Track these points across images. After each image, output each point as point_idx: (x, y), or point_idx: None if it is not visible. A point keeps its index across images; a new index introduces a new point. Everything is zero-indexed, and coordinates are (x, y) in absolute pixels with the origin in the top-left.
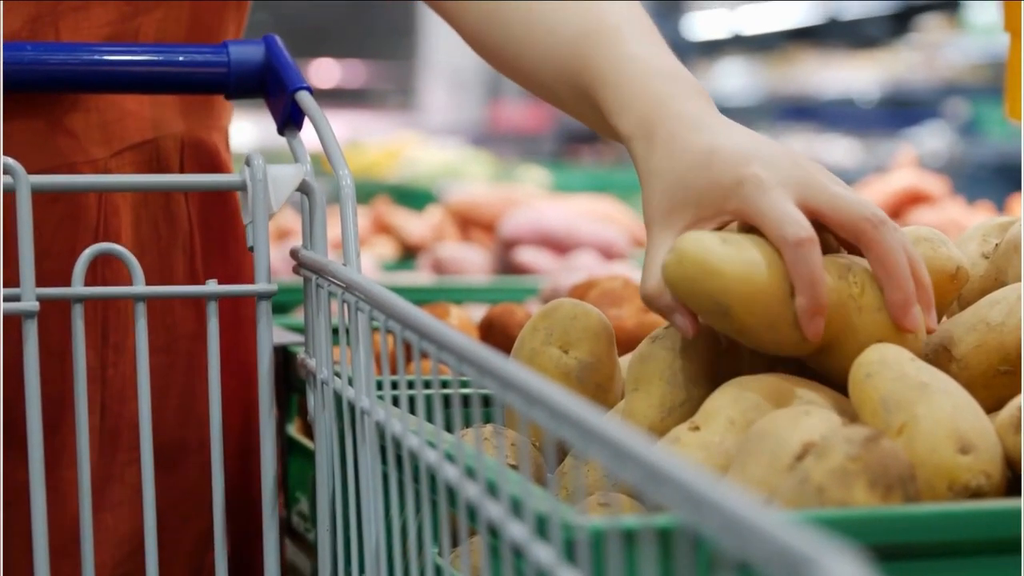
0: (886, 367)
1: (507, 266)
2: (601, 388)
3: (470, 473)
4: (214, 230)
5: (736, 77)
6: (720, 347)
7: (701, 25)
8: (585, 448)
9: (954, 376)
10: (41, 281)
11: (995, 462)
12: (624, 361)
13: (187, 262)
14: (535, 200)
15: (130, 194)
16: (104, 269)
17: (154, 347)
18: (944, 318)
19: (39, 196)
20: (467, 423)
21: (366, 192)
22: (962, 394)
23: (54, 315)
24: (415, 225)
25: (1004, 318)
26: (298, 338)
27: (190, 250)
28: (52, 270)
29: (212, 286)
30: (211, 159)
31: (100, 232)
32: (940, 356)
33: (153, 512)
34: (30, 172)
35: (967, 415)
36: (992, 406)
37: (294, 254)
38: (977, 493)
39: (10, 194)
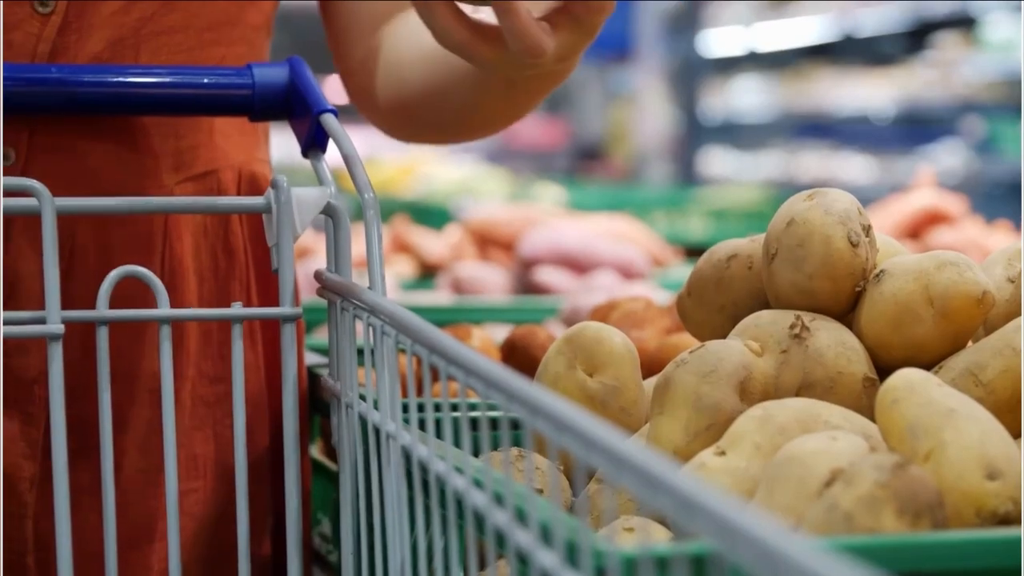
0: (913, 393)
1: (526, 285)
2: (625, 412)
3: (498, 499)
4: (263, 263)
5: (751, 94)
6: (746, 372)
7: (717, 42)
8: (616, 476)
9: (980, 401)
10: (112, 303)
11: (1022, 488)
12: (648, 384)
13: (243, 292)
14: (553, 219)
15: (192, 222)
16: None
17: (214, 377)
18: (970, 343)
19: (109, 219)
20: (494, 446)
21: (384, 208)
22: (989, 420)
23: (126, 337)
24: (434, 244)
25: None
26: (321, 359)
27: (246, 281)
28: (120, 294)
29: (237, 309)
30: (263, 191)
31: (165, 257)
32: (967, 381)
33: (177, 534)
34: (109, 189)
35: (995, 441)
36: (1018, 431)
37: (319, 277)
38: (1005, 520)
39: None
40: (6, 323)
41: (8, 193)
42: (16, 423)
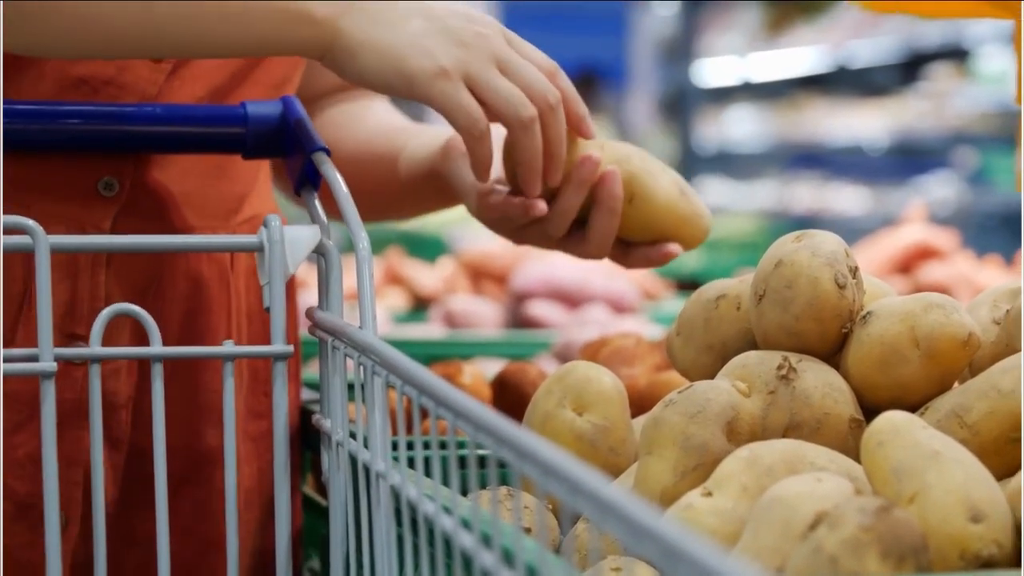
0: (898, 435)
1: (518, 319)
2: (614, 451)
3: (486, 540)
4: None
5: (745, 124)
6: (734, 412)
7: (711, 72)
8: (602, 522)
9: (965, 443)
10: (190, 338)
11: (1007, 531)
12: (637, 423)
13: (293, 330)
14: (546, 253)
15: (245, 262)
16: (246, 330)
17: (258, 413)
18: (956, 384)
19: (198, 256)
20: (482, 484)
21: (378, 240)
22: (973, 462)
23: (210, 370)
24: (427, 277)
25: (1016, 385)
26: (312, 395)
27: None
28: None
29: (229, 347)
30: None
31: (231, 296)
32: (952, 423)
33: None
34: (193, 223)
35: (978, 484)
36: (1003, 473)
37: (310, 315)
38: (989, 563)
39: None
40: None
41: (4, 231)
42: (105, 448)
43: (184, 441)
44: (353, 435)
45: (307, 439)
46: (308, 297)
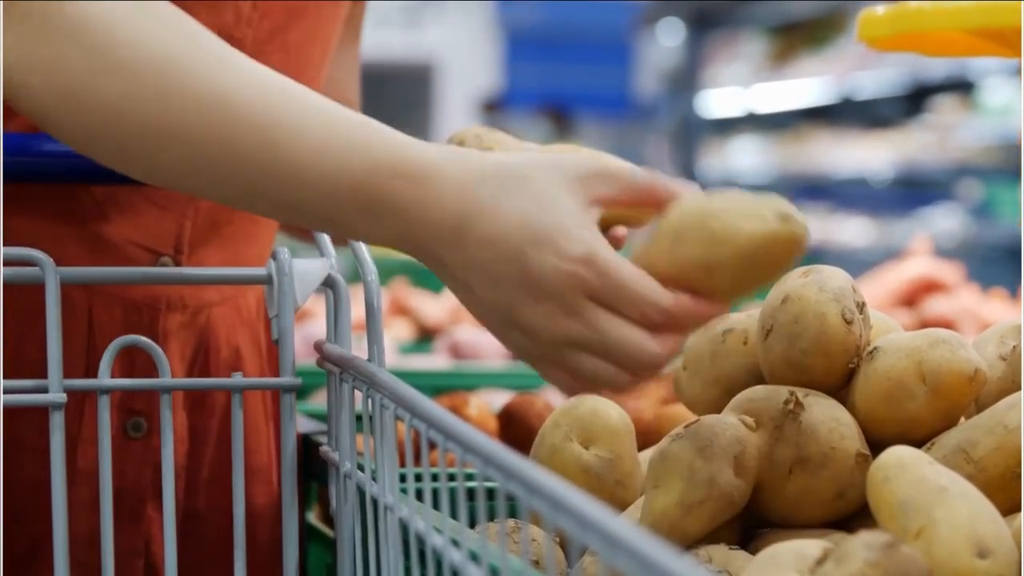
0: (904, 470)
1: None
2: (621, 484)
3: (494, 574)
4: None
5: (749, 155)
6: (741, 446)
7: (715, 103)
8: (611, 558)
9: (971, 479)
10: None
11: (1013, 567)
12: (644, 457)
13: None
14: None
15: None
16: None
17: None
18: (962, 420)
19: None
20: (491, 515)
21: (383, 270)
22: (979, 498)
23: (252, 432)
24: (432, 308)
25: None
26: (318, 426)
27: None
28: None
29: (237, 379)
30: None
31: (259, 324)
32: (958, 458)
33: None
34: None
35: (985, 520)
36: (1009, 509)
37: (319, 348)
38: None
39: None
40: (11, 391)
41: (12, 262)
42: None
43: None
44: (361, 467)
45: (313, 470)
46: (312, 327)
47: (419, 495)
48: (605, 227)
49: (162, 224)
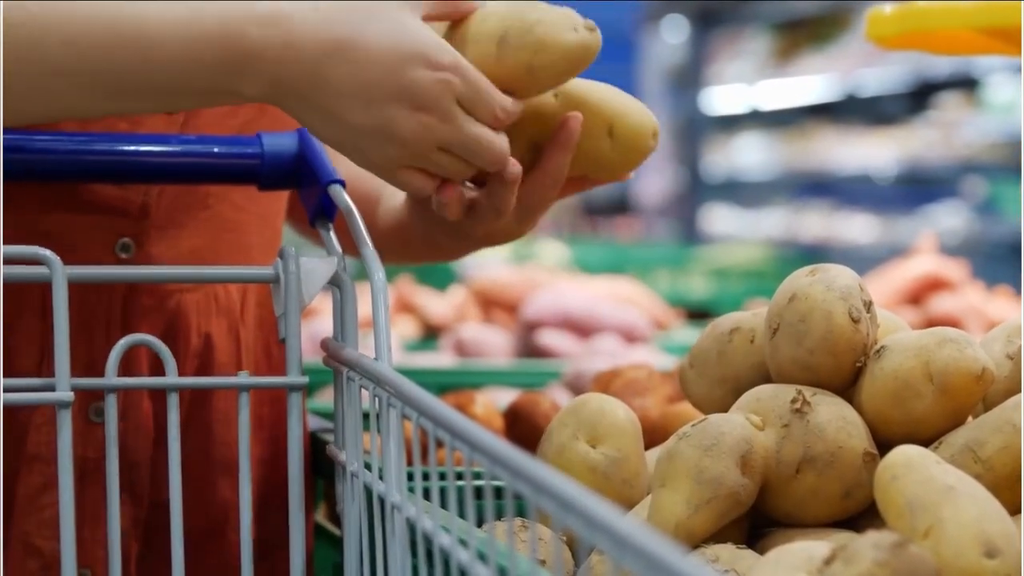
0: (911, 470)
1: (529, 348)
2: (627, 483)
3: (502, 573)
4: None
5: (754, 152)
6: (748, 445)
7: (719, 100)
8: (619, 558)
9: (979, 478)
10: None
11: (1021, 566)
12: (650, 455)
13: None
14: (557, 281)
15: (255, 312)
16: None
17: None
18: (970, 419)
19: (208, 312)
20: (498, 514)
21: (388, 268)
22: (987, 497)
23: (222, 423)
24: (438, 305)
25: None
26: (326, 424)
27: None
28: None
29: (244, 377)
30: None
31: (241, 349)
32: (966, 457)
33: None
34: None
35: (993, 519)
36: (1017, 508)
37: (325, 346)
38: None
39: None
40: (17, 389)
41: (21, 261)
42: (128, 504)
43: (203, 496)
44: (368, 466)
45: (319, 466)
46: (319, 325)
47: (426, 494)
48: (527, 145)
49: (122, 205)
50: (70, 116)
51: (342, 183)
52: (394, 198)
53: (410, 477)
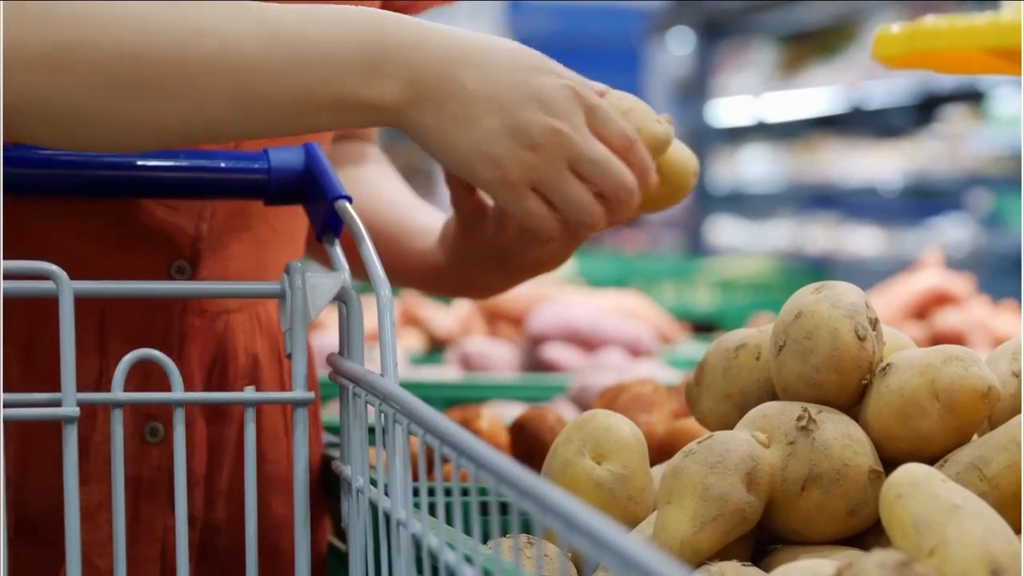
0: (917, 488)
1: (534, 362)
2: (633, 500)
3: None
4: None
5: (759, 164)
6: (754, 462)
7: (725, 112)
8: None
9: (984, 496)
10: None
11: None
12: (656, 472)
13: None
14: (562, 295)
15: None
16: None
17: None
18: (975, 437)
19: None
20: (504, 530)
21: None
22: (993, 516)
23: (268, 439)
24: (443, 318)
25: None
26: (332, 439)
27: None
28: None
29: (249, 393)
30: None
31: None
32: (971, 475)
33: None
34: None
35: (998, 537)
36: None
37: (331, 361)
38: None
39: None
40: (23, 405)
41: (27, 276)
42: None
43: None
44: (374, 481)
45: (326, 484)
46: (326, 338)
47: (432, 510)
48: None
49: (176, 227)
50: (203, 131)
51: (348, 199)
52: (424, 239)
53: (416, 493)
